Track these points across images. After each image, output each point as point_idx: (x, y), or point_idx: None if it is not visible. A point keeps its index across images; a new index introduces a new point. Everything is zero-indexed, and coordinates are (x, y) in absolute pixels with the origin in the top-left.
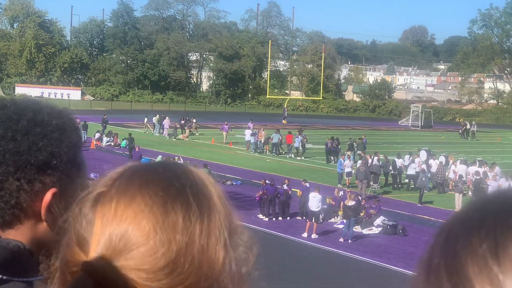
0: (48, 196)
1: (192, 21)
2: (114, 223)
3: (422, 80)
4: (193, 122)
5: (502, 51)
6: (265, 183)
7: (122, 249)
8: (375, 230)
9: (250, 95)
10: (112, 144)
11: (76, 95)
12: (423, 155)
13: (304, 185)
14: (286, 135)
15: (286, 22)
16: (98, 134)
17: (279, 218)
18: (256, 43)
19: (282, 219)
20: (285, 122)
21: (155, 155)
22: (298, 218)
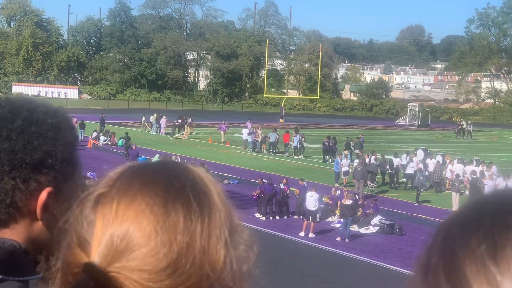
0: (44, 195)
1: (190, 20)
2: (115, 224)
3: (419, 79)
4: (189, 121)
5: (499, 50)
6: (262, 182)
7: (123, 250)
8: (372, 229)
9: (247, 94)
10: (109, 143)
11: (73, 94)
12: (420, 155)
13: (301, 184)
14: (283, 134)
15: (283, 21)
16: (95, 133)
17: (276, 217)
18: (253, 42)
19: (279, 218)
20: (282, 121)
21: (153, 154)
22: (295, 217)
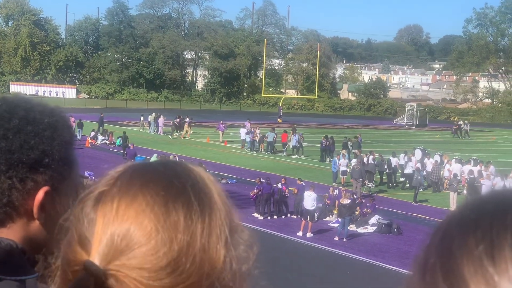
0: (40, 194)
1: (188, 19)
2: (115, 222)
3: (417, 79)
4: (186, 121)
5: (497, 50)
6: (260, 182)
7: (124, 248)
8: (370, 229)
9: (245, 94)
10: (107, 142)
11: (71, 93)
12: (418, 154)
13: (299, 183)
14: (281, 134)
15: (281, 21)
16: (93, 133)
17: (274, 217)
18: (251, 41)
19: (277, 217)
20: (280, 120)
21: (150, 154)
22: (293, 216)
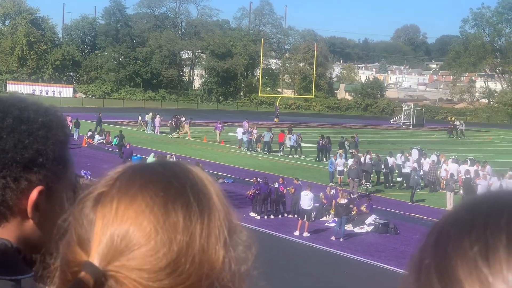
0: (34, 194)
1: (185, 19)
2: (115, 223)
3: (414, 79)
4: (182, 120)
5: (493, 50)
6: (256, 181)
7: (123, 249)
8: (367, 229)
9: (242, 93)
10: (104, 142)
11: (68, 92)
12: (415, 154)
13: (296, 183)
14: (278, 133)
15: (278, 21)
16: (90, 132)
17: (271, 216)
18: (249, 41)
19: (274, 217)
20: (277, 120)
21: (147, 153)
22: (290, 216)
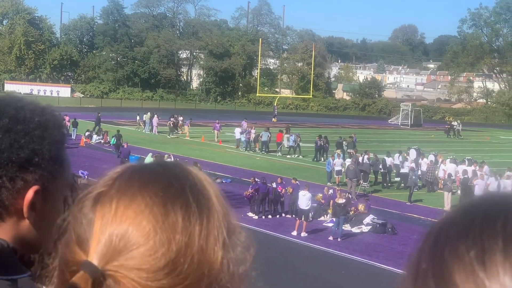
0: (30, 193)
1: (183, 18)
2: (114, 223)
3: (412, 79)
4: (180, 120)
5: (491, 50)
6: (254, 181)
7: (122, 249)
8: (365, 229)
9: (240, 93)
10: (102, 141)
11: (66, 92)
12: (412, 154)
13: (294, 183)
14: (276, 133)
15: (276, 20)
16: (88, 132)
17: (268, 216)
18: (247, 41)
19: (272, 217)
20: (275, 120)
21: (145, 153)
22: (288, 216)
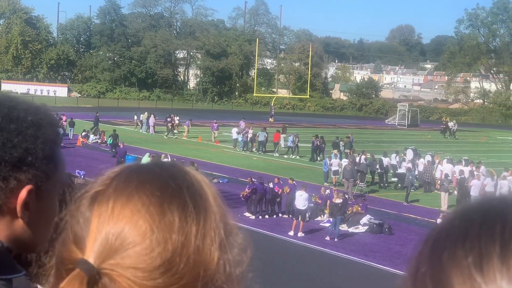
0: (24, 193)
1: (180, 18)
2: (111, 222)
3: (409, 79)
4: (175, 120)
5: (488, 50)
6: (251, 181)
7: (118, 247)
8: (362, 229)
9: (237, 93)
10: (99, 141)
11: (63, 92)
12: (409, 154)
13: (291, 183)
14: (273, 133)
15: (273, 20)
16: (85, 132)
17: (265, 216)
18: (244, 41)
19: (269, 217)
20: (272, 120)
21: (142, 153)
22: (285, 216)
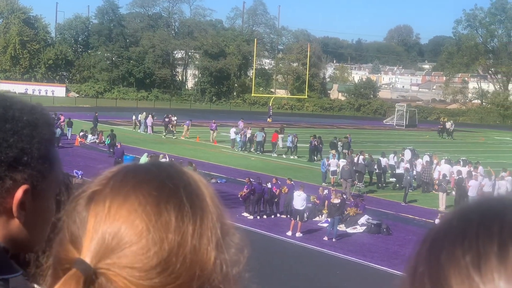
0: (19, 193)
1: (178, 18)
2: (107, 222)
3: (407, 79)
4: (172, 120)
5: (486, 51)
6: (249, 182)
7: (114, 247)
8: (359, 229)
9: (235, 93)
10: (97, 141)
11: (61, 92)
12: (407, 154)
13: (289, 183)
14: (272, 133)
15: (271, 21)
16: (83, 132)
17: (263, 217)
18: (242, 41)
19: (267, 217)
20: (270, 120)
21: (140, 153)
22: (283, 216)
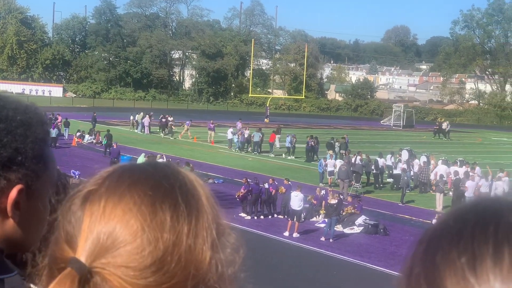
0: (14, 192)
1: (175, 19)
2: (102, 221)
3: (404, 80)
4: (169, 120)
5: (483, 52)
6: (247, 182)
7: (109, 246)
8: (357, 229)
9: (232, 94)
10: (94, 141)
11: (58, 92)
12: (404, 155)
13: (286, 184)
14: (270, 134)
15: (269, 21)
16: (79, 132)
17: (260, 217)
18: (239, 41)
19: (264, 217)
20: (267, 120)
21: (138, 153)
22: (280, 217)
